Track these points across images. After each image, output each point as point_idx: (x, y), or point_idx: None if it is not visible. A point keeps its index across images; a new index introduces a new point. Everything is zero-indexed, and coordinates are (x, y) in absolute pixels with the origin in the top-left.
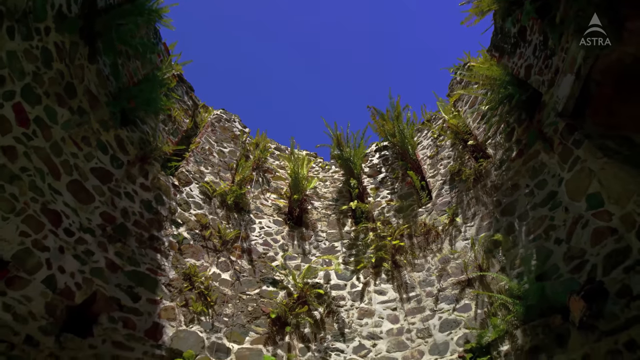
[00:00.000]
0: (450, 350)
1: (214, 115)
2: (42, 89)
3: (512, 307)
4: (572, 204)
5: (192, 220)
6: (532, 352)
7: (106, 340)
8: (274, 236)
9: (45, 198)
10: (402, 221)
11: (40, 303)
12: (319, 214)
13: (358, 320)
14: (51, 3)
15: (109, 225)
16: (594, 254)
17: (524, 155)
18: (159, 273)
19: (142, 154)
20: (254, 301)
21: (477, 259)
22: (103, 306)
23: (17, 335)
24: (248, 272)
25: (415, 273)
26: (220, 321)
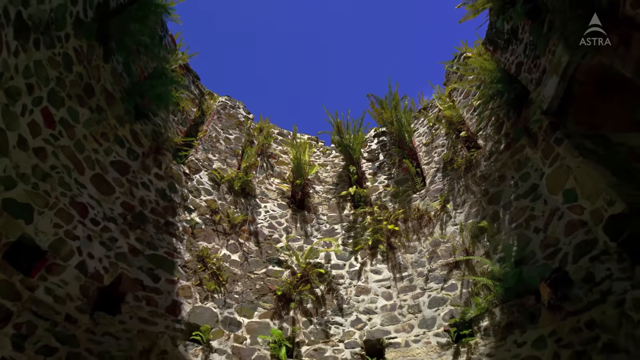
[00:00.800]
0: (437, 325)
1: (219, 102)
2: (65, 92)
3: (493, 288)
4: (550, 197)
5: (202, 206)
6: (508, 327)
7: (133, 317)
8: (278, 219)
9: (72, 192)
10: (397, 206)
11: (75, 286)
12: (320, 198)
13: (355, 297)
14: (70, 11)
15: (129, 214)
16: (567, 243)
17: (511, 149)
18: (175, 255)
19: (155, 145)
20: (261, 280)
21: (465, 243)
22: (128, 287)
23: (58, 314)
24: (255, 253)
25: (408, 255)
26: (232, 298)
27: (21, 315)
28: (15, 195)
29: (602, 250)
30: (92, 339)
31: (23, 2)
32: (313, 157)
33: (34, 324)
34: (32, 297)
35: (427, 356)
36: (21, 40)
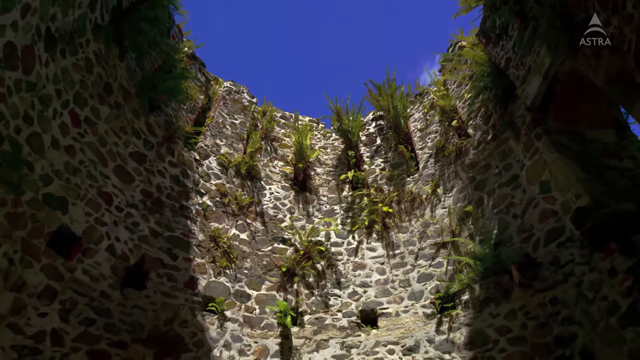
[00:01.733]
0: (424, 297)
1: (224, 87)
2: (88, 93)
3: (474, 266)
4: (528, 187)
5: (212, 189)
6: (485, 301)
7: (157, 291)
8: (282, 200)
9: (99, 183)
10: (392, 188)
11: (107, 266)
12: (320, 180)
13: (352, 272)
14: (89, 18)
15: (148, 200)
16: (539, 229)
17: (497, 140)
18: (190, 236)
19: (168, 135)
20: (268, 256)
21: (452, 225)
22: (151, 265)
23: (94, 291)
24: (262, 232)
25: (400, 234)
26: (242, 273)
27: (64, 293)
28: (52, 190)
29: (568, 238)
30: (124, 311)
31: (51, 17)
32: (314, 140)
33: (75, 300)
34: (72, 278)
35: (415, 325)
36: (50, 51)
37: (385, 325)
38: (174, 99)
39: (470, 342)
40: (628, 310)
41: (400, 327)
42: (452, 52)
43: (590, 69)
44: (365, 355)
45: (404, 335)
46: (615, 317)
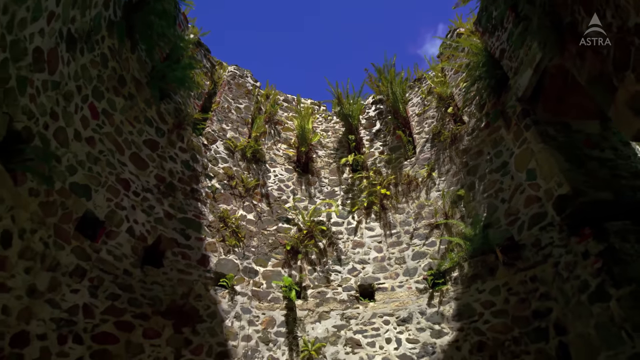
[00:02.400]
0: (417, 274)
1: (228, 72)
2: (104, 86)
3: (464, 246)
4: (516, 174)
5: (220, 173)
6: (473, 278)
7: (173, 269)
8: (285, 182)
9: (117, 170)
10: (390, 171)
11: (128, 247)
12: (322, 162)
13: (352, 250)
14: (104, 16)
15: (161, 184)
16: (524, 214)
17: (489, 128)
18: (201, 217)
19: (178, 122)
20: (273, 235)
21: (445, 207)
22: (166, 245)
23: (118, 269)
24: (267, 213)
25: (397, 215)
26: (249, 251)
27: (92, 271)
28: (77, 179)
29: (549, 222)
30: (144, 287)
31: (71, 20)
32: (316, 123)
33: (102, 277)
34: (98, 258)
35: (408, 298)
36: (71, 51)
37: (381, 299)
38: (183, 87)
39: (458, 314)
40: (596, 288)
41: (395, 301)
42: (450, 39)
43: (575, 67)
44: (363, 326)
45: (399, 308)
46: (586, 295)
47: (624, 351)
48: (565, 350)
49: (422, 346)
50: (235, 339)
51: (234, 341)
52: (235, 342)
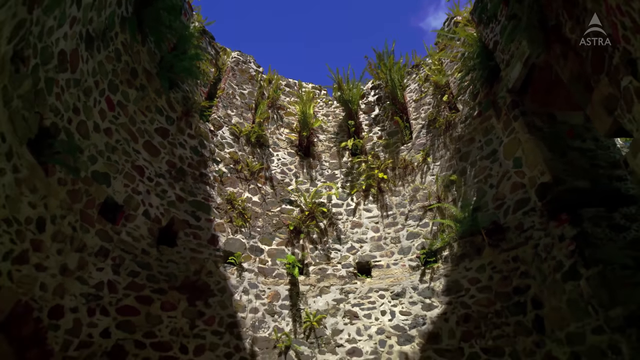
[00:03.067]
0: (411, 252)
1: (232, 58)
2: (118, 79)
3: (454, 227)
4: (504, 162)
5: (227, 157)
6: (461, 257)
7: (185, 248)
8: (288, 166)
9: (132, 158)
10: (387, 156)
11: (144, 228)
12: (323, 146)
13: (351, 230)
14: (117, 14)
15: (172, 170)
16: (510, 199)
17: (481, 116)
18: (210, 200)
19: (186, 110)
20: (277, 216)
21: (438, 191)
22: (179, 226)
23: (137, 249)
24: (271, 195)
25: (393, 197)
26: (255, 231)
27: (114, 251)
28: (98, 168)
29: (532, 208)
30: (161, 265)
31: (89, 21)
32: (317, 108)
33: (123, 257)
34: (119, 239)
35: (402, 275)
36: (89, 50)
37: (377, 275)
38: (190, 77)
39: (447, 289)
40: (569, 268)
41: (390, 277)
42: (447, 28)
43: (559, 66)
44: (360, 299)
45: (393, 284)
46: (560, 273)
47: (590, 323)
48: (541, 322)
49: (414, 318)
50: (244, 311)
51: (242, 313)
52: (244, 313)
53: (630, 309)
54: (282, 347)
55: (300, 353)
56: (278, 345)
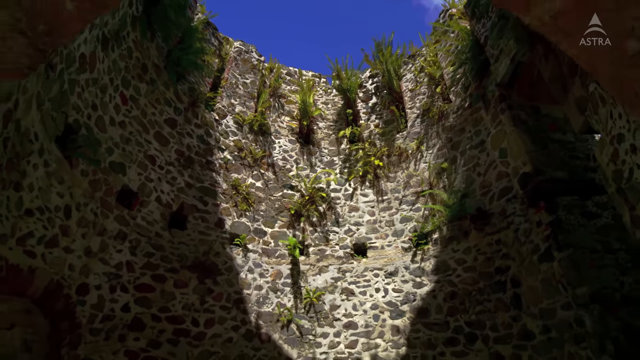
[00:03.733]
0: (404, 235)
1: (235, 48)
2: (130, 75)
3: (444, 212)
4: (491, 152)
5: (231, 145)
6: (450, 239)
7: (195, 231)
8: (289, 152)
9: (144, 148)
10: (383, 143)
11: (157, 213)
12: (322, 134)
13: (348, 213)
14: (129, 14)
15: (181, 158)
16: (495, 186)
17: (471, 108)
18: (216, 186)
19: (192, 100)
20: (279, 201)
21: (430, 178)
22: (188, 210)
23: (151, 232)
24: (273, 181)
25: (389, 183)
26: (258, 214)
27: (131, 234)
28: (114, 158)
29: (514, 195)
30: (173, 246)
31: (105, 23)
32: (317, 96)
33: (139, 239)
34: (135, 223)
35: (395, 256)
36: (104, 50)
37: (372, 256)
38: (196, 70)
39: (436, 269)
40: (545, 251)
41: (384, 257)
42: (442, 20)
43: (541, 65)
44: (357, 278)
45: (387, 263)
46: (536, 256)
47: (560, 300)
48: (518, 299)
49: (405, 295)
50: (249, 288)
51: (248, 290)
52: (249, 290)
53: (594, 287)
54: (285, 320)
55: (301, 326)
56: (281, 319)
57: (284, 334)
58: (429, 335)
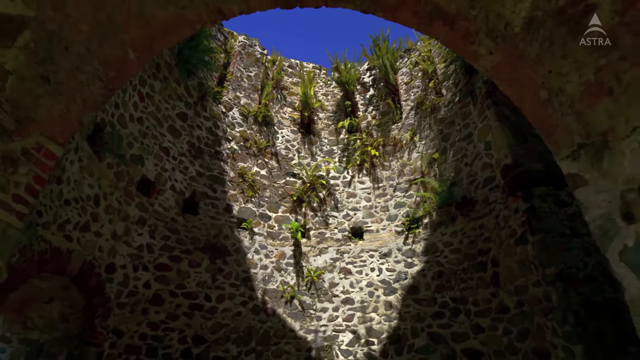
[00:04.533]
0: (397, 219)
1: (239, 42)
2: (146, 74)
3: (434, 199)
4: (477, 144)
5: (237, 136)
6: (438, 224)
7: (206, 216)
8: (291, 142)
9: (159, 141)
10: (380, 134)
11: (172, 200)
12: (322, 124)
13: (346, 199)
14: None
15: (192, 149)
16: (481, 176)
17: (461, 102)
18: (224, 174)
19: (201, 95)
20: (282, 187)
21: (422, 167)
22: (199, 197)
23: (167, 217)
24: (277, 169)
25: (384, 171)
26: (263, 201)
27: (150, 220)
28: (134, 151)
29: (496, 184)
30: (186, 230)
31: None
32: (317, 88)
33: (157, 224)
34: (153, 209)
35: (389, 238)
36: None
37: (368, 238)
38: (205, 67)
39: (425, 251)
40: (520, 235)
41: (379, 240)
42: None
43: None
44: (354, 258)
45: (381, 245)
46: (513, 239)
47: (532, 278)
48: (497, 277)
49: (397, 274)
50: (256, 268)
51: (254, 269)
52: (256, 270)
53: (560, 267)
54: (288, 296)
55: (303, 302)
56: (284, 295)
57: (288, 309)
58: (418, 310)
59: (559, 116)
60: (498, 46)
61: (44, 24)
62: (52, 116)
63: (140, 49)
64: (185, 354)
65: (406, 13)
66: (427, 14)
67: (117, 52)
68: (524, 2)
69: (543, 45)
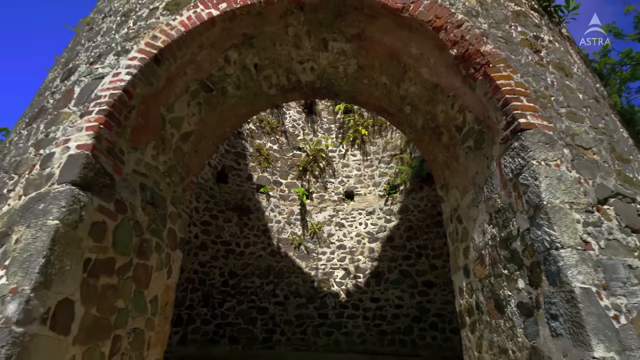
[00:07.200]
0: (381, 186)
1: None
2: None
3: (408, 172)
4: None
5: (254, 118)
6: (411, 191)
7: (233, 184)
8: (297, 121)
9: None
10: (369, 115)
11: (209, 173)
12: (322, 105)
13: (341, 169)
14: None
15: None
16: None
17: None
18: (245, 150)
19: None
20: (290, 159)
21: (401, 145)
22: (228, 170)
23: (207, 186)
24: (286, 144)
25: (371, 147)
26: (276, 170)
27: (195, 189)
28: None
29: None
30: (220, 195)
31: None
32: None
33: (200, 192)
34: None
35: (374, 200)
36: None
37: (358, 200)
38: None
39: (400, 210)
40: None
41: (366, 202)
42: None
43: None
44: (346, 215)
45: (368, 206)
46: None
47: None
48: None
49: (379, 227)
50: (272, 222)
51: (271, 223)
52: (272, 224)
53: None
54: (296, 243)
55: (308, 247)
56: (294, 243)
57: (296, 253)
58: (392, 254)
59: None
60: None
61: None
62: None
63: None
64: (224, 283)
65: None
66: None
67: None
68: None
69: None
